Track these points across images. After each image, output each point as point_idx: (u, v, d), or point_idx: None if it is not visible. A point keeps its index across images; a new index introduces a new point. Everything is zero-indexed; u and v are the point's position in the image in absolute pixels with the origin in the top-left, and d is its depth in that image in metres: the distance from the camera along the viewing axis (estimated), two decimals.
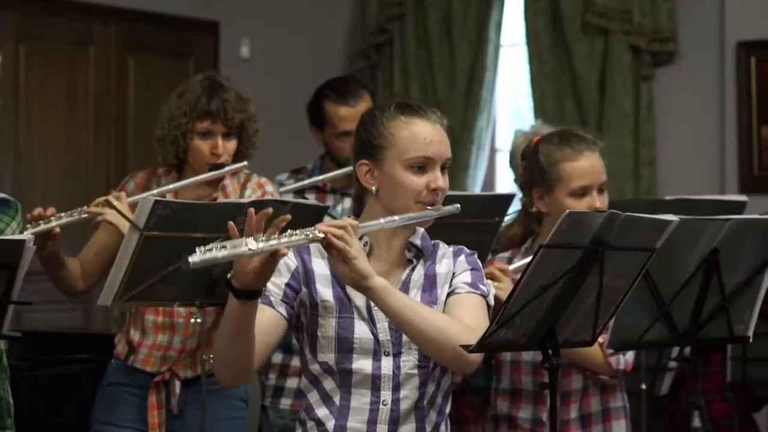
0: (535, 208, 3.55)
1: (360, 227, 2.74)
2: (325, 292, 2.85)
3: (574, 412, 3.43)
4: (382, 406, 2.84)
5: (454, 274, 2.91)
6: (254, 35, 7.69)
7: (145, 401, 3.86)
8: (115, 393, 3.93)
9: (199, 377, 3.81)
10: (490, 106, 7.06)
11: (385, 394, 2.84)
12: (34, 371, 5.04)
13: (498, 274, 3.39)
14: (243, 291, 2.66)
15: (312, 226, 2.69)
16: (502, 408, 3.46)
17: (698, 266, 3.14)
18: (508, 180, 6.52)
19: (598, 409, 3.49)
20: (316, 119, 4.62)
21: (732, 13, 6.42)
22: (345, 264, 2.69)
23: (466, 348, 2.71)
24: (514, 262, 3.56)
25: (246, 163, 3.97)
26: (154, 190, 3.87)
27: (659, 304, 3.14)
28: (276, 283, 2.82)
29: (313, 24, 7.67)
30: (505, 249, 3.66)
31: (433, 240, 2.97)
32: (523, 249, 3.57)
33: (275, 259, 2.64)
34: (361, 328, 2.84)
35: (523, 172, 3.58)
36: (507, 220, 3.96)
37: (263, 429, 4.60)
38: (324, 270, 2.87)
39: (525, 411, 3.43)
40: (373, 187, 2.88)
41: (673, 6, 6.56)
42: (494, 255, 3.71)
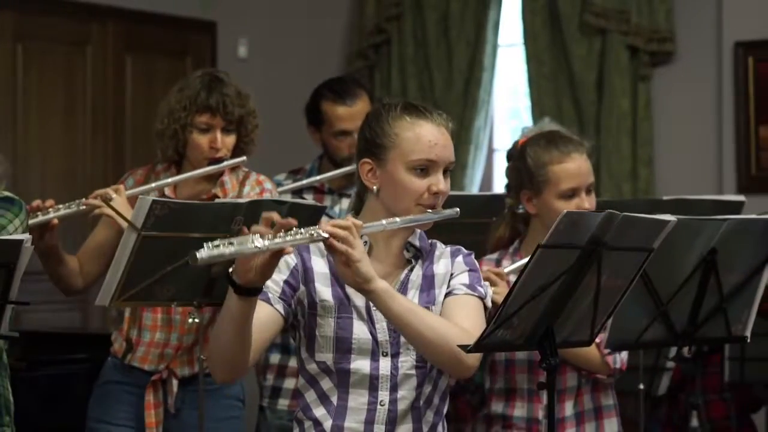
0: (522, 209, 3.55)
1: (363, 227, 2.74)
2: (324, 291, 2.85)
3: (568, 410, 3.43)
4: (379, 407, 2.84)
5: (452, 275, 2.91)
6: (252, 35, 7.68)
7: (141, 400, 3.86)
8: (111, 391, 3.93)
9: (197, 375, 3.81)
10: (488, 106, 7.06)
11: (383, 395, 2.84)
12: (32, 371, 5.03)
13: (494, 278, 3.39)
14: (244, 287, 2.66)
15: (314, 226, 2.68)
16: (497, 408, 3.47)
17: (696, 266, 3.15)
18: (505, 180, 6.50)
19: (591, 406, 3.50)
20: (314, 119, 4.63)
21: (729, 13, 6.43)
22: (347, 266, 2.69)
23: (464, 348, 2.71)
24: (503, 264, 3.56)
25: (245, 158, 3.97)
26: (153, 184, 3.88)
27: (657, 304, 3.14)
28: (275, 280, 2.81)
29: (310, 24, 7.66)
30: (492, 250, 3.66)
31: (430, 240, 2.98)
32: (511, 250, 3.57)
33: (279, 257, 2.64)
34: (360, 329, 2.84)
35: (510, 173, 3.58)
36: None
37: (261, 429, 4.59)
38: (323, 269, 2.87)
39: (520, 410, 3.43)
40: (375, 187, 2.88)
41: (671, 6, 6.57)
42: (481, 257, 3.71)
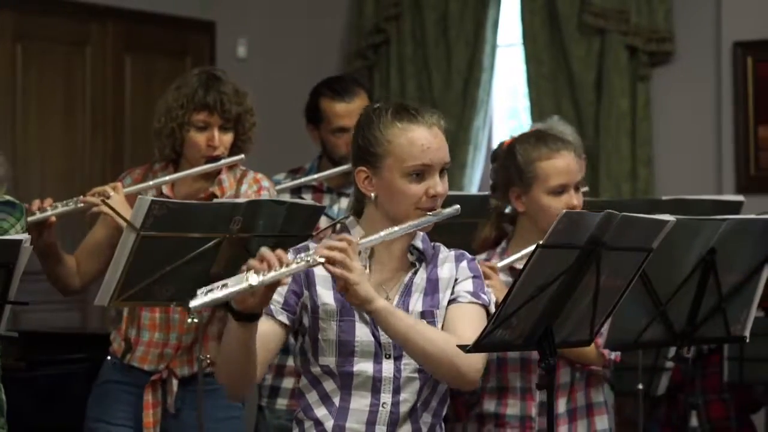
0: (509, 208, 3.56)
1: (360, 243, 2.74)
2: (326, 294, 2.85)
3: (561, 407, 3.43)
4: (381, 408, 2.84)
5: (457, 280, 2.91)
6: (251, 35, 7.68)
7: (140, 400, 3.86)
8: (110, 390, 3.93)
9: (196, 375, 3.81)
10: (487, 106, 7.06)
11: (386, 397, 2.84)
12: (31, 371, 5.03)
13: (488, 272, 3.39)
14: (244, 314, 2.68)
15: (310, 251, 2.70)
16: (489, 407, 3.47)
17: (695, 266, 3.15)
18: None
19: (583, 403, 3.50)
20: (313, 117, 4.63)
21: (728, 13, 6.43)
22: (346, 290, 2.70)
23: (464, 348, 2.71)
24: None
25: (243, 156, 3.96)
26: (150, 182, 3.88)
27: (656, 304, 3.14)
28: (277, 290, 2.81)
29: (309, 24, 7.66)
30: (478, 251, 3.66)
31: (433, 243, 2.97)
32: (498, 250, 3.57)
33: (275, 287, 2.66)
34: (363, 331, 2.83)
35: (497, 173, 3.58)
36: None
37: (260, 429, 4.60)
38: (324, 272, 2.85)
39: (513, 408, 3.43)
40: (372, 194, 2.88)
41: (670, 6, 6.57)
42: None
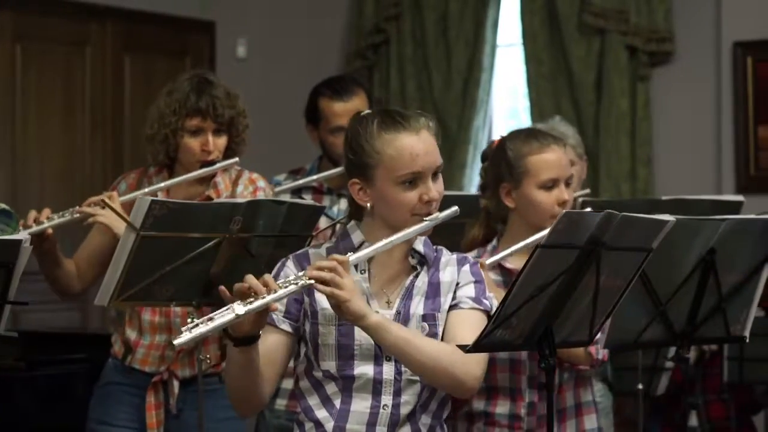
0: (491, 206, 3.55)
1: (351, 260, 2.74)
2: (325, 300, 2.83)
3: None
4: (382, 410, 2.83)
5: (458, 285, 2.90)
6: (251, 35, 7.69)
7: (142, 401, 3.86)
8: (112, 392, 3.93)
9: (197, 376, 3.80)
10: (487, 106, 7.06)
11: (386, 399, 2.84)
12: (31, 371, 5.03)
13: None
14: (241, 339, 2.69)
15: (299, 274, 2.70)
16: (479, 405, 3.46)
17: (695, 266, 3.15)
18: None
19: (572, 403, 3.49)
20: (312, 117, 4.64)
21: (728, 13, 6.43)
22: (337, 307, 2.70)
23: (463, 348, 2.71)
24: None
25: (237, 159, 3.96)
26: (146, 189, 3.87)
27: (656, 304, 3.14)
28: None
29: (309, 24, 7.67)
30: (467, 251, 3.65)
31: (435, 246, 2.97)
32: (489, 248, 3.56)
33: (266, 313, 2.68)
34: (362, 334, 2.82)
35: (487, 172, 3.58)
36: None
37: (259, 429, 4.60)
38: None
39: (502, 407, 3.43)
40: (368, 205, 2.88)
41: (670, 6, 6.57)
42: None
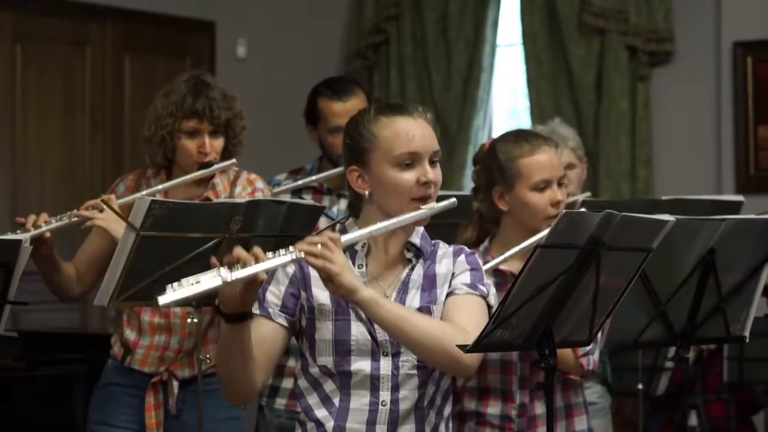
0: (483, 209, 3.55)
1: (344, 240, 2.74)
2: (322, 295, 2.85)
3: (540, 408, 3.43)
4: (381, 407, 2.83)
5: (454, 274, 2.90)
6: (251, 35, 7.69)
7: (141, 402, 3.86)
8: (112, 393, 3.93)
9: (197, 376, 3.80)
10: (487, 106, 7.06)
11: (384, 395, 2.84)
12: (31, 371, 5.03)
13: None
14: (231, 315, 2.69)
15: (288, 248, 2.68)
16: (470, 405, 3.47)
17: (695, 266, 3.15)
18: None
19: (562, 404, 3.50)
20: (311, 117, 4.64)
21: (728, 13, 6.43)
22: (329, 281, 2.69)
23: (463, 348, 2.71)
24: None
25: (234, 160, 3.97)
26: (143, 191, 3.86)
27: (656, 304, 3.15)
28: (274, 293, 2.84)
29: (309, 24, 7.67)
30: None
31: (434, 240, 2.97)
32: (481, 248, 3.57)
33: (255, 284, 2.66)
34: (358, 329, 2.83)
35: (479, 175, 3.58)
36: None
37: (260, 428, 4.60)
38: None
39: (493, 408, 3.43)
40: (366, 192, 2.88)
41: (670, 6, 6.57)
42: None
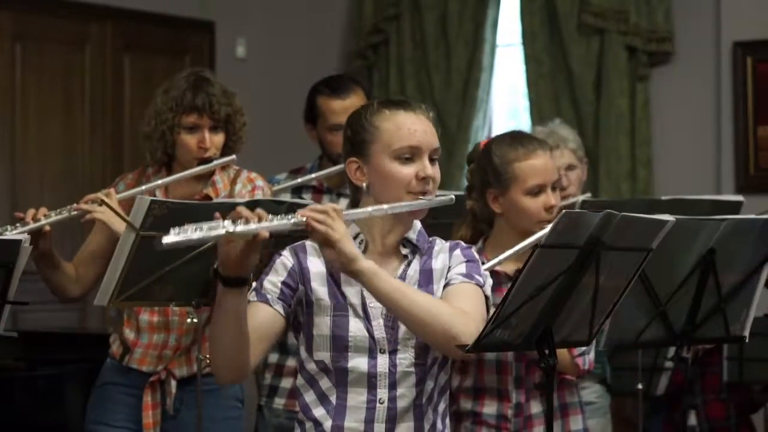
0: (477, 209, 3.56)
1: (345, 214, 2.73)
2: (320, 290, 2.85)
3: (536, 408, 3.44)
4: (378, 405, 2.83)
5: (450, 268, 2.91)
6: (250, 35, 7.69)
7: (139, 401, 3.86)
8: (110, 393, 3.93)
9: (195, 376, 3.81)
10: (486, 106, 7.06)
11: (382, 392, 2.84)
12: (31, 371, 5.04)
13: None
14: (230, 278, 2.67)
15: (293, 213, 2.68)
16: (466, 405, 3.47)
17: (694, 266, 3.15)
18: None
19: (557, 404, 3.50)
20: (310, 115, 4.65)
21: (728, 13, 6.43)
22: (330, 247, 2.69)
23: (463, 348, 2.71)
24: None
25: (234, 156, 3.97)
26: (143, 186, 3.87)
27: (655, 304, 3.15)
28: (273, 282, 2.84)
29: (309, 24, 7.67)
30: None
31: (431, 237, 2.97)
32: (475, 249, 3.58)
33: (256, 244, 2.64)
34: (356, 326, 2.83)
35: (473, 175, 3.58)
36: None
37: (259, 428, 4.61)
38: (319, 268, 2.87)
39: (489, 407, 3.43)
40: (364, 184, 2.88)
41: (669, 6, 6.57)
42: None
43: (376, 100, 2.96)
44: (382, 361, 2.84)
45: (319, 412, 2.86)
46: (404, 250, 2.91)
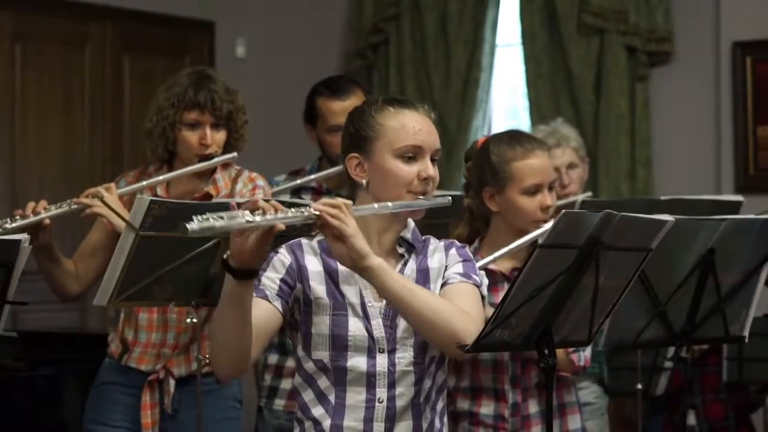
0: (474, 206, 3.56)
1: (353, 210, 2.72)
2: (319, 289, 2.85)
3: (533, 407, 3.44)
4: (377, 404, 2.83)
5: (447, 267, 2.91)
6: (250, 35, 7.69)
7: (137, 401, 3.86)
8: (108, 392, 3.93)
9: (194, 375, 3.81)
10: (486, 106, 7.07)
11: (381, 392, 2.84)
12: (31, 371, 5.03)
13: None
14: (240, 270, 2.66)
15: (306, 206, 2.68)
16: (463, 405, 3.47)
17: (694, 266, 3.15)
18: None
19: (555, 403, 3.50)
20: (310, 116, 4.65)
21: (727, 13, 6.43)
22: (342, 243, 2.68)
23: (463, 348, 2.71)
24: None
25: (236, 154, 3.97)
26: (144, 182, 3.87)
27: (655, 304, 3.15)
28: (271, 278, 2.83)
29: (308, 24, 7.67)
30: None
31: (424, 236, 2.97)
32: (471, 249, 3.58)
33: (270, 235, 2.63)
34: (356, 325, 2.83)
35: (471, 172, 3.58)
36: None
37: (259, 429, 4.60)
38: (317, 267, 2.87)
39: (486, 407, 3.43)
40: (364, 180, 2.88)
41: (669, 6, 6.57)
42: None
43: (380, 97, 2.96)
44: (381, 361, 2.84)
45: (317, 411, 2.86)
46: (400, 249, 2.91)
